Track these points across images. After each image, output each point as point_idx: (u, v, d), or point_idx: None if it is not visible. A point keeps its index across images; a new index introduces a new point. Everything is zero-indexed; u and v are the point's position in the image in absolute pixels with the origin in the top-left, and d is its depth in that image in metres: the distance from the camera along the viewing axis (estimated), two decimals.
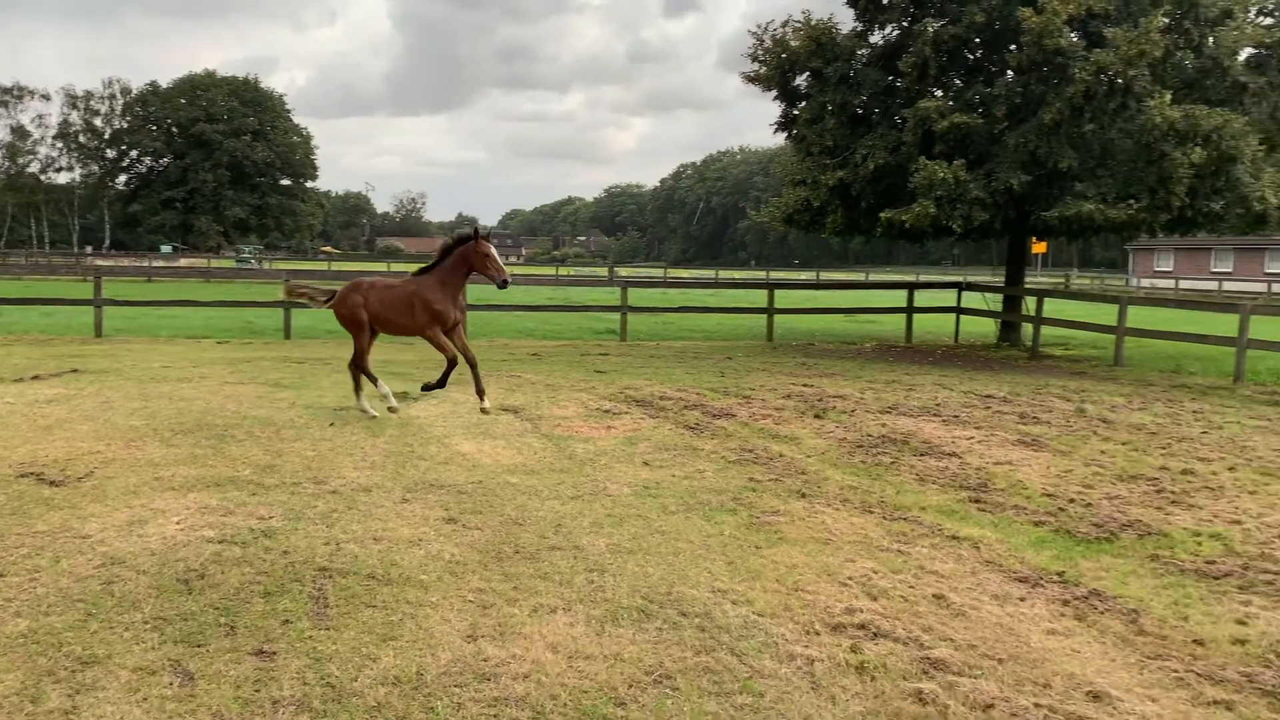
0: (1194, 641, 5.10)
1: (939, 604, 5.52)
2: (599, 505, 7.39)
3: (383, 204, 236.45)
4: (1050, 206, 18.82)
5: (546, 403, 12.02)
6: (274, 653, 4.60)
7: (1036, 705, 4.30)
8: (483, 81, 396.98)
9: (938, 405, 12.71)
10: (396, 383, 12.29)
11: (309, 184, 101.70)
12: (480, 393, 10.77)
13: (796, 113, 22.69)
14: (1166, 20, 17.84)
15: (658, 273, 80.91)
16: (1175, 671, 4.73)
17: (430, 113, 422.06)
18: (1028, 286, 25.56)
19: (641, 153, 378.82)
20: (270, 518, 6.74)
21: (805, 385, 14.39)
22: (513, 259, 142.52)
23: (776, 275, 71.77)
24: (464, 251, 10.48)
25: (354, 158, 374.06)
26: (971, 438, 10.51)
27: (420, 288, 10.56)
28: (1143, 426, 11.51)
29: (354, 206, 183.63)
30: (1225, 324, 18.83)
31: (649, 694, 4.30)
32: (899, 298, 24.69)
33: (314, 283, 12.32)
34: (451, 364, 10.59)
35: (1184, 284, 60.18)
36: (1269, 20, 19.39)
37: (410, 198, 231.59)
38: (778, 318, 23.46)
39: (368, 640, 4.78)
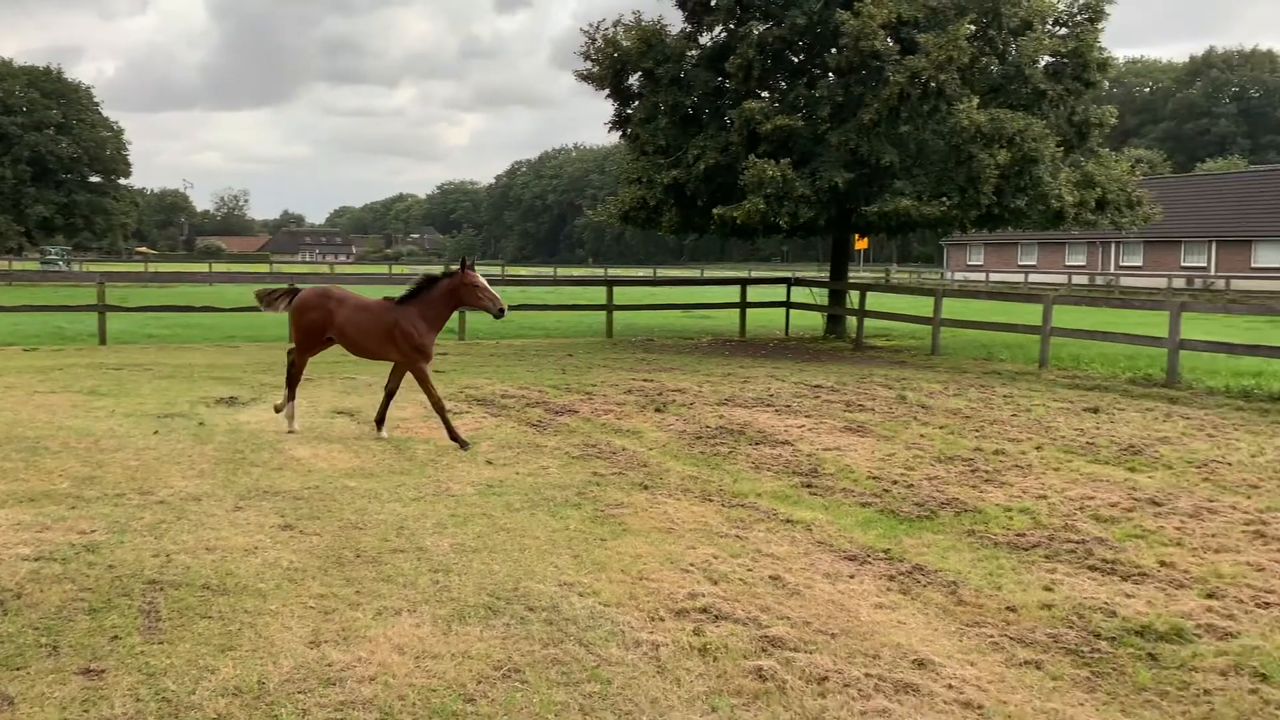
0: (1007, 608, 5.49)
1: (776, 584, 5.76)
2: (442, 506, 7.35)
3: (203, 202, 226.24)
4: (871, 203, 19.72)
5: None
6: (103, 670, 4.40)
7: (867, 675, 4.55)
8: (307, 75, 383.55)
9: (771, 396, 13.15)
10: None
11: (121, 181, 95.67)
12: (381, 421, 10.20)
13: (630, 112, 22.97)
14: (973, 28, 18.94)
15: (495, 271, 80.00)
16: (991, 637, 5.09)
17: (252, 107, 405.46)
18: (851, 281, 26.71)
19: (475, 149, 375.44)
20: (92, 531, 6.42)
21: (645, 380, 14.63)
22: (342, 258, 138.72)
23: (615, 272, 72.14)
24: (451, 286, 9.92)
25: (171, 154, 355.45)
26: (802, 426, 10.94)
27: (402, 318, 9.90)
28: (958, 411, 12.23)
29: (171, 205, 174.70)
30: (1031, 313, 20.14)
31: (498, 688, 4.33)
32: (733, 293, 25.31)
33: (266, 286, 11.51)
34: (438, 407, 9.86)
35: (994, 277, 63.93)
36: (1064, 31, 20.83)
37: (232, 195, 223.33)
38: (617, 314, 23.70)
39: (204, 652, 4.63)
